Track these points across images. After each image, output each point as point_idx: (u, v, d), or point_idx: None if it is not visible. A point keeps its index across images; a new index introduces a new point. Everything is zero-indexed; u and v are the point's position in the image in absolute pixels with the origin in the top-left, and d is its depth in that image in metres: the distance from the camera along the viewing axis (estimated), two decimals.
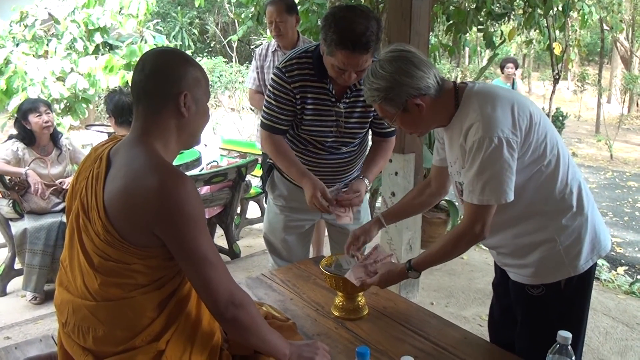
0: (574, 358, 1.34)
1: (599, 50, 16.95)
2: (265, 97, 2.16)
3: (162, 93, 1.30)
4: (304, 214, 2.37)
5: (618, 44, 16.81)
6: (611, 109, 16.29)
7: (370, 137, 2.37)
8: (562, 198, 1.62)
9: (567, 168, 1.63)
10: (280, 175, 2.36)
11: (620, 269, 4.97)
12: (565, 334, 1.33)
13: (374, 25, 1.84)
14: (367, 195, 2.49)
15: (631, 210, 7.33)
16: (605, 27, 14.22)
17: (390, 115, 1.64)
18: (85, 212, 1.28)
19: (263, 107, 2.17)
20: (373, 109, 2.12)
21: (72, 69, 5.29)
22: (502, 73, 6.79)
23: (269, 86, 2.14)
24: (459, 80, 1.72)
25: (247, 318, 1.30)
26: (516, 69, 6.55)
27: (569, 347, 1.33)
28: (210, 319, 1.38)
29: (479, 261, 4.17)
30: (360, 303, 1.90)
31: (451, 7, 4.40)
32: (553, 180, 1.61)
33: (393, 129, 2.23)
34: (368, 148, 2.36)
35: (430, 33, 4.01)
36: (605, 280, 4.17)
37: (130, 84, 1.41)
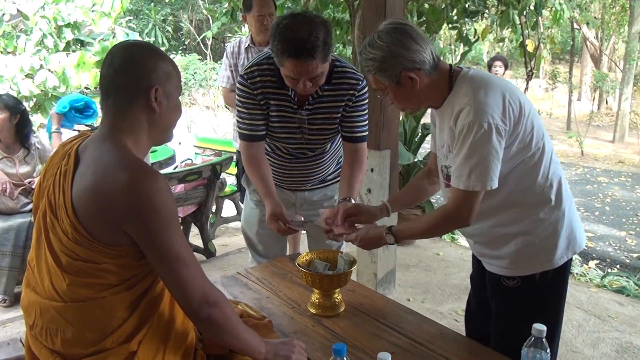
0: (548, 351, 1.36)
1: (569, 48, 17.28)
2: (236, 106, 2.13)
3: (132, 87, 1.27)
4: None
5: (588, 43, 17.16)
6: (582, 107, 16.64)
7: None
8: (541, 191, 1.63)
9: (549, 162, 1.64)
10: None
11: (592, 263, 5.08)
12: (539, 327, 1.34)
13: (320, 31, 1.79)
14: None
15: (601, 205, 7.50)
16: (575, 26, 14.50)
17: (383, 87, 1.63)
18: (52, 211, 1.25)
19: (237, 118, 2.14)
20: (338, 115, 2.11)
21: (41, 66, 5.16)
22: (490, 72, 6.74)
23: (236, 95, 2.10)
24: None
25: (222, 317, 1.28)
26: (505, 68, 6.29)
27: (544, 340, 1.34)
28: (184, 319, 1.35)
29: (455, 257, 4.21)
30: (336, 300, 1.89)
31: (425, 4, 4.42)
32: (535, 172, 1.62)
33: (365, 133, 2.17)
34: (339, 151, 2.34)
35: None
36: (577, 274, 4.26)
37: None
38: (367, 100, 2.12)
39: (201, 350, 1.40)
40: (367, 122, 2.16)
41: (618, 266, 5.17)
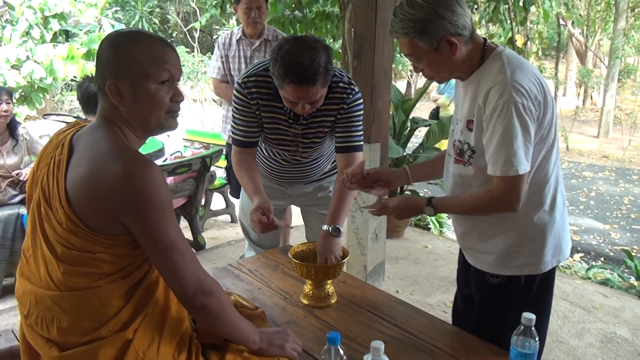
0: (537, 339, 1.38)
1: (555, 44, 17.42)
2: (232, 111, 2.13)
3: (98, 82, 1.27)
4: (273, 200, 2.37)
5: (573, 39, 17.31)
6: (567, 102, 16.79)
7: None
8: (540, 193, 1.61)
9: (554, 162, 1.61)
10: None
11: (577, 256, 5.16)
12: (529, 316, 1.36)
13: (322, 57, 1.78)
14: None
15: (586, 199, 7.59)
16: (561, 22, 14.62)
17: (418, 53, 1.54)
18: (46, 200, 1.24)
19: (232, 123, 2.15)
20: (329, 127, 2.09)
21: (27, 57, 5.10)
22: None
23: (233, 101, 2.10)
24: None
25: (217, 305, 1.29)
26: None
27: (533, 328, 1.37)
28: (178, 308, 1.35)
29: (443, 250, 4.25)
30: (329, 291, 1.91)
31: None
32: (540, 170, 1.59)
33: (360, 143, 2.11)
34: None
35: None
36: (562, 266, 4.32)
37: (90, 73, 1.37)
38: (361, 112, 2.09)
39: (196, 339, 1.41)
40: (362, 132, 2.12)
41: (602, 259, 5.25)
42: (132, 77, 1.23)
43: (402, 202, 1.75)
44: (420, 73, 1.66)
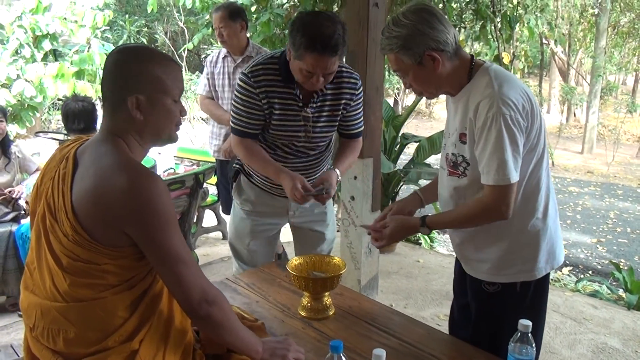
0: (534, 346, 1.41)
1: (538, 63, 17.75)
2: (233, 102, 2.16)
3: (114, 96, 1.30)
4: (271, 218, 2.37)
5: (556, 57, 17.66)
6: (551, 119, 17.06)
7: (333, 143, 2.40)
8: (533, 201, 1.65)
9: (544, 172, 1.66)
10: (248, 180, 2.35)
11: (565, 270, 5.22)
12: (525, 322, 1.39)
13: (341, 29, 1.89)
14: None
15: (572, 213, 7.70)
16: (544, 40, 14.92)
17: (404, 67, 1.63)
18: (52, 213, 1.26)
19: (232, 113, 2.17)
20: (340, 112, 2.17)
21: (18, 76, 5.10)
22: None
23: (235, 92, 2.14)
24: None
25: (221, 315, 1.31)
26: None
27: (530, 335, 1.39)
28: (182, 319, 1.37)
29: (435, 264, 4.29)
30: (326, 303, 1.92)
31: None
32: (532, 179, 1.64)
33: (361, 129, 2.27)
34: (332, 148, 2.39)
35: None
36: (552, 279, 4.37)
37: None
38: (362, 98, 2.23)
39: (199, 350, 1.42)
40: (362, 118, 2.28)
41: (590, 272, 5.32)
42: (153, 92, 1.29)
43: (398, 226, 1.79)
44: (409, 90, 1.75)
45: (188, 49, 8.66)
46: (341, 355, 1.32)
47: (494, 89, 1.53)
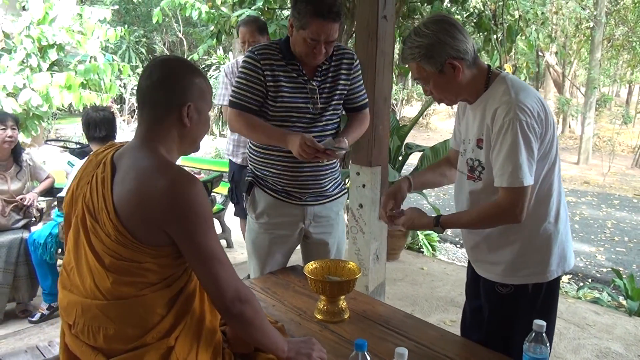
0: (548, 345, 1.46)
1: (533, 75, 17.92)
2: (236, 77, 2.25)
3: (167, 103, 1.36)
4: (287, 228, 2.36)
5: (551, 69, 17.84)
6: None
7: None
8: (545, 205, 1.72)
9: (555, 177, 1.73)
10: (262, 190, 2.32)
11: (565, 278, 5.28)
12: (540, 322, 1.43)
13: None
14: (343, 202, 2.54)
15: (571, 222, 7.74)
16: (539, 53, 15.10)
17: (425, 75, 1.70)
18: (92, 215, 1.31)
19: (233, 88, 2.24)
20: (341, 85, 2.27)
21: (24, 85, 5.16)
22: None
23: (240, 67, 2.24)
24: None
25: (252, 313, 1.36)
26: None
27: (544, 334, 1.45)
28: (212, 318, 1.42)
29: (439, 271, 4.34)
30: (342, 306, 1.97)
31: (407, 30, 4.63)
32: (544, 184, 1.70)
33: (365, 101, 2.39)
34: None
35: None
36: None
37: (136, 89, 1.45)
38: (361, 73, 2.38)
39: (227, 349, 1.47)
40: (364, 91, 2.40)
41: (590, 280, 5.38)
42: (200, 102, 1.39)
43: (414, 215, 1.86)
44: (430, 97, 1.83)
45: (193, 60, 8.73)
46: (365, 353, 1.37)
47: (511, 96, 1.61)
